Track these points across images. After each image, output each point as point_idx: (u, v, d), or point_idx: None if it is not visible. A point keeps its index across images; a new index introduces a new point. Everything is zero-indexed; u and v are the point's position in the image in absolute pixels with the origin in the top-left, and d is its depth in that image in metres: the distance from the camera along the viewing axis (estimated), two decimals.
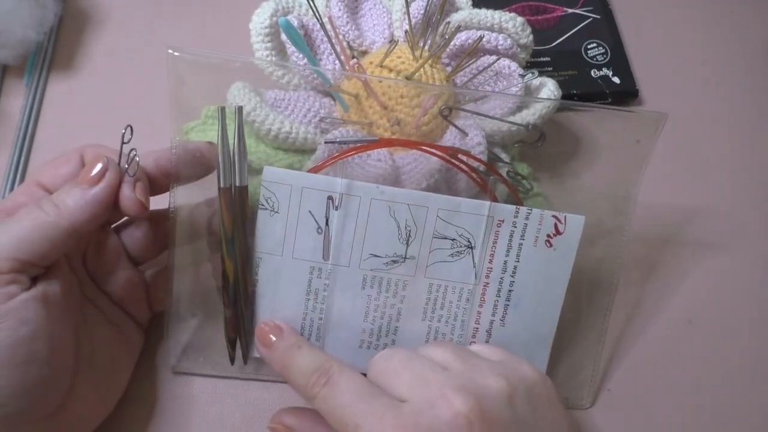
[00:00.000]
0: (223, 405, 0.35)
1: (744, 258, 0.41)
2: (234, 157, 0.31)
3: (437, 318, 0.34)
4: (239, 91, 0.34)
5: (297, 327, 0.34)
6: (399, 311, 0.34)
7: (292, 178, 0.32)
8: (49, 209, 0.28)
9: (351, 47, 0.38)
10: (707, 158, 0.46)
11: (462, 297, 0.34)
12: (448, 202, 0.33)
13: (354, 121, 0.34)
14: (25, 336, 0.26)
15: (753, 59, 0.51)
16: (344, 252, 0.33)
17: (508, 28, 0.38)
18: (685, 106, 0.48)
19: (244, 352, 0.34)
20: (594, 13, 0.50)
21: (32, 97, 0.43)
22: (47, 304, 0.28)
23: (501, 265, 0.34)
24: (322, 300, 0.34)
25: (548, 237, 0.34)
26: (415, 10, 0.37)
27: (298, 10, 0.38)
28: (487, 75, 0.36)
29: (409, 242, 0.33)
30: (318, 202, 0.32)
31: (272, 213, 0.33)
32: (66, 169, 0.30)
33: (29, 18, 0.42)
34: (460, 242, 0.33)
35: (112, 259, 0.32)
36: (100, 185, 0.29)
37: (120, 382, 0.33)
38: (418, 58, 0.35)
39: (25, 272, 0.27)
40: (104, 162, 0.29)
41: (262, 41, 0.35)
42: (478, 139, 0.35)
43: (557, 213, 0.33)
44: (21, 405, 0.27)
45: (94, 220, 0.29)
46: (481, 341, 0.35)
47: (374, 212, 0.33)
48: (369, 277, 0.33)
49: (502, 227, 0.33)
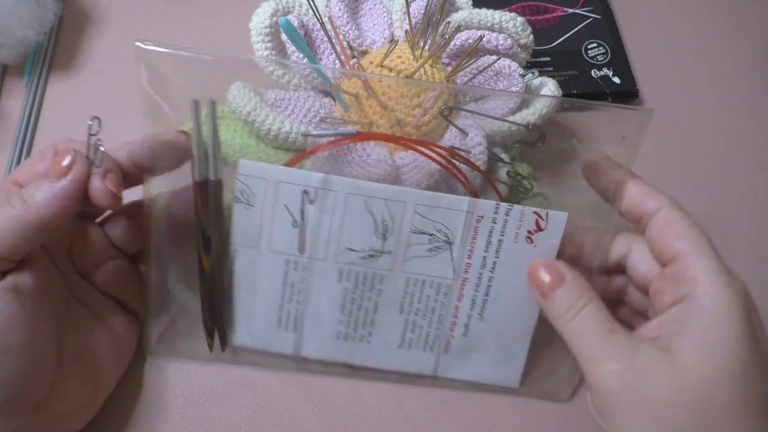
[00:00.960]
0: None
1: (742, 259, 0.41)
2: (208, 151, 0.31)
3: (414, 311, 0.34)
4: (239, 91, 0.34)
5: (274, 318, 0.34)
6: (376, 304, 0.34)
7: (268, 172, 0.32)
8: (17, 204, 0.28)
9: (351, 47, 0.37)
10: (707, 158, 0.46)
11: (440, 291, 0.34)
12: (426, 197, 0.32)
13: (354, 121, 0.33)
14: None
15: (753, 59, 0.50)
16: (320, 246, 0.33)
17: (509, 27, 0.37)
18: (685, 106, 0.48)
19: (222, 340, 0.35)
20: (594, 13, 0.50)
21: (32, 97, 0.43)
22: (19, 296, 0.28)
23: (480, 261, 0.33)
24: (299, 292, 0.34)
25: (529, 233, 0.33)
26: (415, 10, 0.37)
27: (298, 9, 0.37)
28: (487, 75, 0.36)
29: (386, 237, 0.33)
30: (293, 196, 0.32)
31: (248, 206, 0.32)
32: (41, 165, 0.30)
33: (29, 18, 0.42)
34: (439, 237, 0.33)
35: (98, 252, 0.32)
36: (67, 178, 0.29)
37: (109, 379, 0.33)
38: (418, 58, 0.35)
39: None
40: (72, 155, 0.29)
41: (262, 41, 0.34)
42: (478, 139, 0.35)
43: (539, 209, 0.32)
44: (2, 396, 0.27)
45: (64, 213, 0.29)
46: (459, 335, 0.35)
47: (350, 207, 0.32)
48: (345, 270, 0.33)
49: (481, 223, 0.33)
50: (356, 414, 0.35)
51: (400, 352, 0.35)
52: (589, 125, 0.42)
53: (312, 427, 0.34)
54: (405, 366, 0.35)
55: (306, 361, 0.35)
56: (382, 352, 0.35)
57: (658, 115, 0.46)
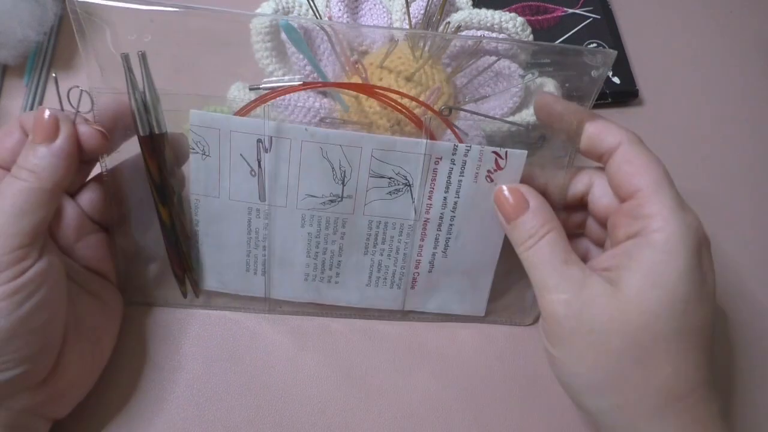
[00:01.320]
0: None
1: (741, 254, 0.42)
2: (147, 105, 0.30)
3: (379, 252, 0.35)
4: (239, 91, 0.33)
5: (242, 263, 0.35)
6: (341, 246, 0.35)
7: (219, 122, 0.31)
8: (25, 175, 0.28)
9: (351, 47, 0.36)
10: (707, 158, 0.46)
11: (403, 232, 0.34)
12: (382, 141, 0.32)
13: (354, 121, 0.33)
14: (33, 308, 0.27)
15: (752, 59, 0.50)
16: (280, 193, 0.33)
17: (509, 28, 0.36)
18: (684, 106, 0.48)
19: (194, 287, 0.36)
20: (594, 13, 0.50)
21: (32, 97, 0.43)
22: (50, 277, 0.28)
23: (441, 201, 0.34)
24: (264, 238, 0.34)
25: (489, 172, 0.33)
26: (415, 10, 0.36)
27: (298, 9, 0.35)
28: (487, 75, 0.35)
29: (345, 182, 0.33)
30: (248, 145, 0.32)
31: (204, 156, 0.32)
32: (10, 141, 0.30)
33: (29, 18, 0.41)
34: (398, 180, 0.33)
35: (76, 226, 0.32)
36: (61, 136, 0.29)
37: (105, 349, 0.34)
38: (418, 58, 0.34)
39: (35, 245, 0.28)
40: (52, 113, 0.29)
41: (262, 41, 0.33)
42: (478, 139, 0.34)
43: (498, 149, 0.32)
44: (17, 372, 0.28)
45: (69, 173, 0.29)
46: (425, 271, 0.36)
47: (306, 154, 0.32)
48: (308, 216, 0.34)
49: (440, 164, 0.33)
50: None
51: (367, 290, 0.36)
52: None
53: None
54: (373, 303, 0.37)
55: (278, 303, 0.36)
56: (351, 292, 0.36)
57: (658, 115, 0.47)
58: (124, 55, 0.29)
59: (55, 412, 0.31)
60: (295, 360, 0.36)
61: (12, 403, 0.29)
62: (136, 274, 0.36)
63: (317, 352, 0.36)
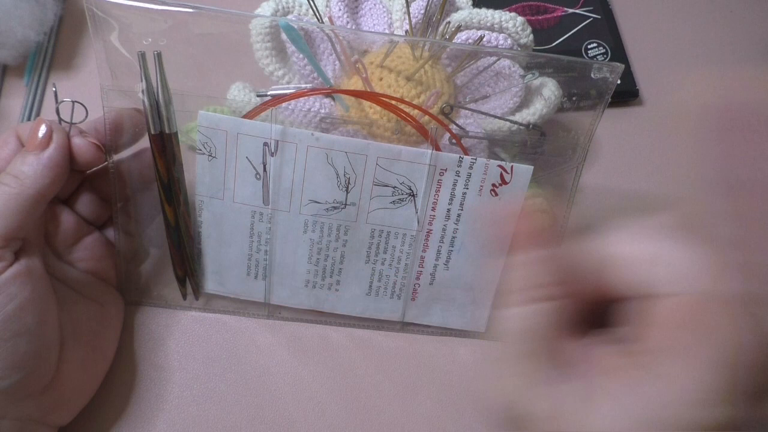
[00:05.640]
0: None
1: None
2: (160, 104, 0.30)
3: (381, 261, 0.35)
4: (239, 91, 0.34)
5: (243, 267, 0.35)
6: (342, 254, 0.35)
7: (227, 124, 0.32)
8: (10, 181, 0.28)
9: (351, 47, 0.36)
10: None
11: (405, 242, 0.34)
12: (387, 150, 0.32)
13: (354, 120, 0.33)
14: (14, 311, 0.27)
15: (752, 59, 0.50)
16: (284, 197, 0.33)
17: (509, 27, 0.36)
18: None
19: (194, 289, 0.36)
20: (594, 13, 0.50)
21: (32, 97, 0.43)
22: (31, 279, 0.28)
23: (444, 213, 0.33)
24: (266, 242, 0.34)
25: (493, 186, 0.33)
26: (416, 10, 0.36)
27: (298, 9, 0.36)
28: (487, 75, 0.35)
29: (349, 189, 0.33)
30: (255, 149, 0.32)
31: (210, 158, 0.32)
32: (6, 151, 0.30)
33: (29, 18, 0.41)
34: (402, 190, 0.33)
35: (72, 230, 0.32)
36: (51, 146, 0.29)
37: (106, 354, 0.34)
38: (418, 58, 0.34)
39: (7, 248, 0.28)
40: (47, 124, 0.29)
41: (262, 41, 0.33)
42: (479, 135, 0.34)
43: (503, 163, 0.32)
44: (15, 378, 0.28)
45: (56, 181, 0.29)
46: (426, 283, 0.35)
47: (311, 159, 0.32)
48: (310, 221, 0.34)
49: (444, 176, 0.33)
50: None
51: (367, 300, 0.36)
52: (602, 127, 0.40)
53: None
54: (373, 313, 0.36)
55: (277, 308, 0.36)
56: (351, 300, 0.36)
57: (658, 115, 0.47)
58: (141, 54, 0.29)
59: (59, 419, 0.31)
60: (292, 365, 0.36)
61: (17, 413, 0.29)
62: (136, 274, 0.36)
63: (315, 360, 0.36)
